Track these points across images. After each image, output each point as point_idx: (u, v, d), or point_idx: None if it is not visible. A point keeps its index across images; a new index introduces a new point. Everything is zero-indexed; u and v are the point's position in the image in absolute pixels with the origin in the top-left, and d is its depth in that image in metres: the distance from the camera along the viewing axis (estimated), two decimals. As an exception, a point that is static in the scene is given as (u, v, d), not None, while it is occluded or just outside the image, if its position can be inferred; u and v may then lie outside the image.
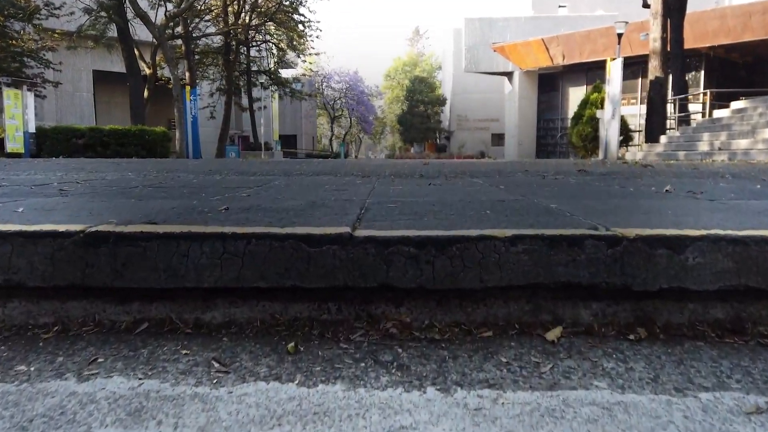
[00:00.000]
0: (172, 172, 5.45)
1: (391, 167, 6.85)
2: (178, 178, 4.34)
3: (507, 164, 9.43)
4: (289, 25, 29.22)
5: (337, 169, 5.53)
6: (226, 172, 5.73)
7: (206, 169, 6.34)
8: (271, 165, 8.15)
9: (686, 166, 7.12)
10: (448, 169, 6.69)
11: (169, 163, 9.61)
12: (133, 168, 6.82)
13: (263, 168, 7.00)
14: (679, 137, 11.44)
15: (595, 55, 30.14)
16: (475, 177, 4.61)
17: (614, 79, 12.71)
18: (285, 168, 6.22)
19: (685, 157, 9.44)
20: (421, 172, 5.11)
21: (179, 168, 6.90)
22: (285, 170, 5.45)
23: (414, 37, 69.21)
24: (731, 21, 24.14)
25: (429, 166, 7.12)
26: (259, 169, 6.72)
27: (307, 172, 5.23)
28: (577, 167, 7.18)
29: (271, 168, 6.98)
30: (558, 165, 8.90)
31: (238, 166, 7.76)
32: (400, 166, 7.43)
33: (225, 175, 5.08)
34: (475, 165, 9.13)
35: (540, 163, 10.57)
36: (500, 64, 36.18)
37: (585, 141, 15.05)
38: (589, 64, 31.18)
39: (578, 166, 7.92)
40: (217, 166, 7.61)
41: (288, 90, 32.44)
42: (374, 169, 5.77)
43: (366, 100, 52.36)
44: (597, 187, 3.25)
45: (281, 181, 3.72)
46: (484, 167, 7.61)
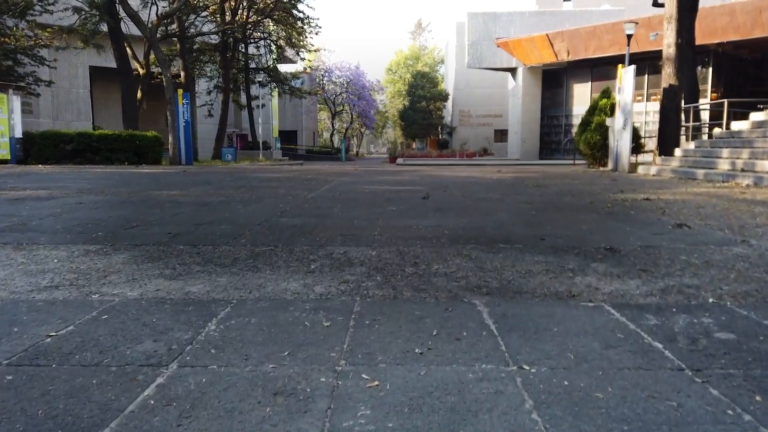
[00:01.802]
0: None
1: (390, 201, 6.32)
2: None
3: (517, 186, 8.89)
4: (288, 22, 28.53)
5: (309, 227, 4.98)
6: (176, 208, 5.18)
7: (166, 198, 5.79)
8: (245, 190, 7.62)
9: (717, 196, 6.56)
10: (461, 202, 6.15)
11: (143, 180, 9.06)
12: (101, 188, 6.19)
13: (234, 196, 6.45)
14: (695, 151, 10.82)
15: (600, 52, 29.58)
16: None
17: (626, 88, 12.09)
18: (248, 214, 5.69)
19: (705, 177, 8.84)
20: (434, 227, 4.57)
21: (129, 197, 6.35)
22: (240, 224, 4.91)
23: (416, 29, 68.57)
24: (741, 17, 23.62)
25: (443, 205, 6.61)
26: (227, 198, 6.16)
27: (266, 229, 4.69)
28: (597, 196, 6.63)
29: (243, 195, 6.42)
30: (571, 185, 8.33)
31: (213, 187, 7.18)
32: (405, 198, 6.94)
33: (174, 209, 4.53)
34: (483, 185, 8.57)
35: (550, 179, 10.01)
36: (504, 60, 35.71)
37: (593, 149, 14.42)
38: (594, 60, 30.69)
39: (595, 191, 7.36)
40: (187, 185, 7.01)
41: (287, 87, 31.79)
42: (363, 223, 5.23)
43: (367, 95, 51.74)
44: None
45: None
46: (497, 192, 7.05)
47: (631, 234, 3.61)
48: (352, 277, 2.40)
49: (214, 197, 6.21)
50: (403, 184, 8.68)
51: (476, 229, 3.87)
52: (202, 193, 6.67)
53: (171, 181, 8.81)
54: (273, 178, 9.78)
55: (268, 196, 6.33)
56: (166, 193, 6.57)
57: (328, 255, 2.92)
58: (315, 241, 3.39)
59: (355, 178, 10.24)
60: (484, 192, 7.02)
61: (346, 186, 8.03)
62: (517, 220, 4.27)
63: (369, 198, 6.22)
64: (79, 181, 8.59)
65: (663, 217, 4.41)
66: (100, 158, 17.15)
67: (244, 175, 11.17)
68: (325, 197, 6.28)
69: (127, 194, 6.52)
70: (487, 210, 5.04)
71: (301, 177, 10.22)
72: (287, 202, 5.73)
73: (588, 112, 15.14)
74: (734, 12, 23.76)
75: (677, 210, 4.92)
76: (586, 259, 2.79)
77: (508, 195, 6.58)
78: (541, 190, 7.29)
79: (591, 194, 6.62)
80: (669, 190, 7.12)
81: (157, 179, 9.48)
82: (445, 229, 3.83)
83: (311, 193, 6.77)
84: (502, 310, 1.85)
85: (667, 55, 12.46)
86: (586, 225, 4.03)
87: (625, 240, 3.37)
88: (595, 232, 3.71)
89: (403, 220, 4.36)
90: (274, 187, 7.73)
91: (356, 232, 3.75)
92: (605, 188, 7.52)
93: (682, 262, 2.69)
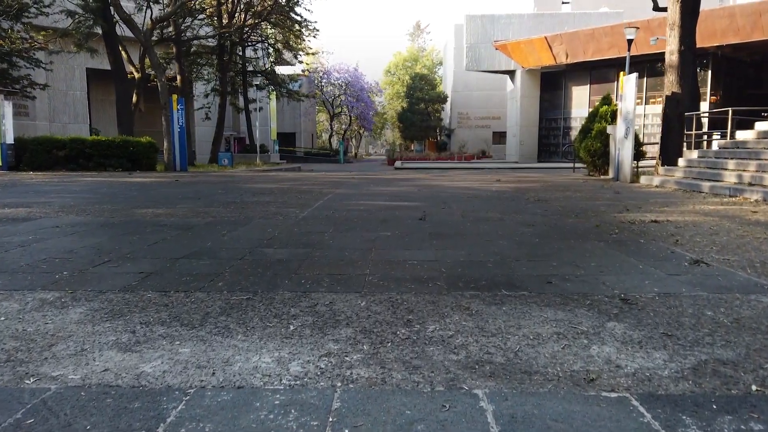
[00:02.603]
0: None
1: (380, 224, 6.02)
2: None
3: (516, 199, 8.61)
4: (286, 25, 28.22)
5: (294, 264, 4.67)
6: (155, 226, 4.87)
7: (148, 218, 5.48)
8: (234, 207, 7.33)
9: (728, 217, 6.27)
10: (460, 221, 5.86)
11: (131, 193, 8.75)
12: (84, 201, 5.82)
13: (220, 215, 6.13)
14: (699, 161, 10.53)
15: (599, 54, 29.41)
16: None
17: (628, 95, 11.80)
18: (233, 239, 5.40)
19: (711, 190, 8.54)
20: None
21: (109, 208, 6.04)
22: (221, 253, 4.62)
23: (415, 31, 68.36)
24: (740, 20, 23.48)
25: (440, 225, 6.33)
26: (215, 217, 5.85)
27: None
28: (602, 215, 6.33)
29: (231, 215, 6.11)
30: (573, 201, 8.04)
31: (202, 200, 6.84)
32: (401, 219, 6.63)
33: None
34: (482, 199, 8.27)
35: (550, 191, 9.72)
36: (502, 62, 35.54)
37: (594, 157, 14.13)
38: (593, 63, 30.52)
39: (599, 208, 7.07)
40: (175, 200, 6.67)
41: (285, 91, 31.47)
42: (354, 256, 4.93)
43: (366, 97, 51.44)
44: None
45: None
46: (497, 209, 6.75)
47: (645, 274, 3.31)
48: (336, 345, 2.10)
49: (201, 217, 5.90)
50: (399, 197, 8.38)
51: (476, 265, 3.56)
52: (188, 212, 6.35)
53: (160, 195, 8.50)
54: (266, 190, 9.48)
55: (257, 216, 6.02)
56: (151, 213, 6.26)
57: (312, 307, 2.62)
58: (300, 284, 3.08)
59: (351, 189, 9.93)
60: (484, 209, 6.72)
61: (340, 201, 7.73)
62: (519, 253, 3.97)
63: (363, 218, 5.91)
64: (65, 195, 8.28)
65: (676, 249, 4.11)
66: (94, 164, 16.85)
67: (236, 185, 10.86)
68: (317, 217, 5.98)
69: (110, 213, 6.21)
70: (486, 235, 4.74)
71: (295, 189, 9.92)
72: (276, 224, 5.43)
73: (588, 119, 14.86)
74: (734, 15, 23.60)
75: (689, 237, 4.62)
76: (600, 314, 2.48)
77: (509, 214, 6.28)
78: (542, 206, 6.99)
79: (595, 213, 6.32)
80: (676, 208, 6.83)
81: (146, 191, 9.16)
82: (442, 266, 3.53)
83: (303, 212, 6.47)
84: (510, 409, 1.55)
85: (669, 62, 12.17)
86: (595, 260, 3.72)
87: (639, 284, 3.06)
88: (606, 270, 3.41)
89: (398, 251, 4.05)
90: (266, 203, 7.42)
91: (346, 270, 3.44)
92: (609, 204, 7.23)
93: (709, 321, 2.39)
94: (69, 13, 19.45)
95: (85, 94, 29.33)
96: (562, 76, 33.92)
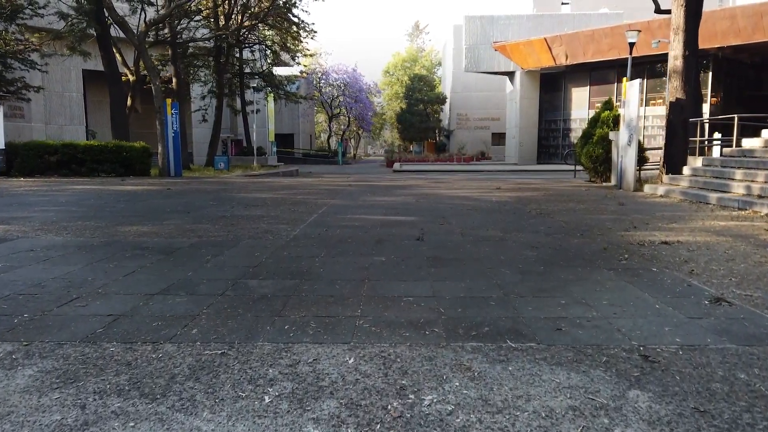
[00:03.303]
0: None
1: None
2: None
3: (519, 211, 8.32)
4: (283, 27, 27.90)
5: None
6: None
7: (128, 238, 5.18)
8: (223, 223, 7.04)
9: (743, 236, 5.98)
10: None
11: (118, 205, 8.44)
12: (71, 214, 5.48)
13: (201, 231, 5.83)
14: (705, 170, 10.24)
15: (599, 56, 29.17)
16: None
17: (631, 102, 11.51)
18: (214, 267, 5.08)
19: (718, 202, 8.26)
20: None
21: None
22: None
23: (414, 32, 68.08)
24: (742, 21, 23.29)
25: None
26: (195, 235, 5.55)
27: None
28: (608, 234, 6.04)
29: (219, 233, 5.81)
30: (577, 214, 7.76)
31: (187, 214, 6.52)
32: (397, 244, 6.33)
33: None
34: (483, 212, 7.98)
35: (552, 203, 9.44)
36: (501, 64, 35.29)
37: (595, 163, 13.85)
38: (593, 64, 30.30)
39: (605, 225, 6.78)
40: (163, 214, 6.36)
41: (282, 92, 31.14)
42: (345, 290, 4.65)
43: (364, 98, 51.14)
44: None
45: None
46: (498, 226, 6.45)
47: (663, 316, 3.02)
48: (316, 429, 1.80)
49: (187, 237, 5.60)
50: (396, 210, 8.08)
51: (477, 302, 3.27)
52: (174, 230, 6.05)
53: (148, 208, 8.19)
54: (258, 201, 9.17)
55: (246, 235, 5.72)
56: (135, 232, 5.95)
57: (293, 367, 2.32)
58: (282, 331, 2.79)
59: (347, 200, 9.63)
60: (484, 225, 6.42)
61: (335, 215, 7.43)
62: (524, 286, 3.67)
63: (358, 237, 5.61)
64: (49, 209, 7.97)
65: (693, 281, 3.82)
66: (86, 170, 16.54)
67: (229, 194, 10.55)
68: (309, 237, 5.68)
69: (91, 232, 5.90)
70: (488, 260, 4.45)
71: (289, 199, 9.61)
72: (266, 246, 5.13)
73: (590, 124, 14.56)
74: (735, 16, 23.40)
75: (704, 265, 4.33)
76: (620, 378, 2.19)
77: (510, 232, 5.99)
78: (545, 222, 6.70)
79: (601, 231, 6.02)
80: (685, 225, 6.54)
81: (134, 203, 8.86)
82: (441, 304, 3.23)
83: (295, 229, 6.17)
84: None
85: (673, 67, 11.88)
86: (607, 295, 3.43)
87: (659, 331, 2.77)
88: (620, 310, 3.12)
89: (393, 283, 3.76)
90: (257, 217, 7.12)
91: (336, 310, 3.14)
92: (614, 220, 6.93)
93: (745, 390, 2.10)
94: (62, 15, 19.12)
95: (81, 95, 29.02)
96: (562, 78, 33.71)
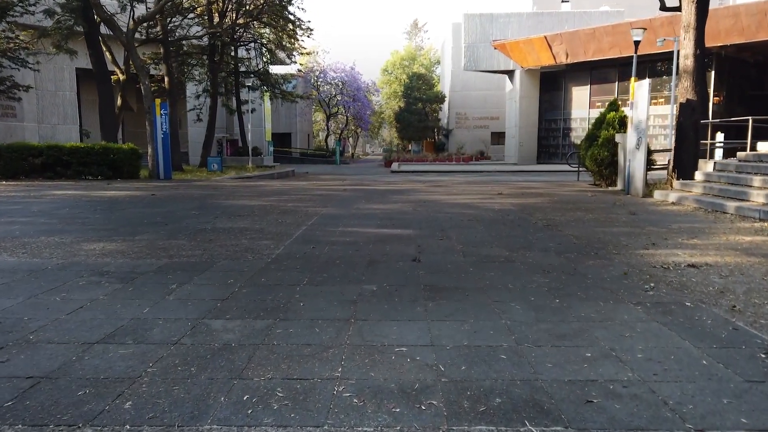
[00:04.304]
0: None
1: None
2: None
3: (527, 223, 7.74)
4: (279, 24, 27.24)
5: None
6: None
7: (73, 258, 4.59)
8: (201, 239, 6.45)
9: None
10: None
11: (92, 216, 7.84)
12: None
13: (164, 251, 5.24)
14: (719, 176, 9.67)
15: (600, 54, 28.64)
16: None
17: (640, 103, 10.92)
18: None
19: (737, 212, 7.68)
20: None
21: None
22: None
23: (412, 30, 67.47)
24: (745, 19, 22.85)
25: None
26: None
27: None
28: (625, 253, 5.47)
29: (192, 254, 5.22)
30: (587, 226, 7.18)
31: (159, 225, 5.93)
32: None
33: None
34: (485, 224, 7.40)
35: (559, 211, 8.87)
36: (501, 62, 34.75)
37: (600, 166, 13.27)
38: (593, 63, 29.79)
39: (619, 239, 6.21)
40: (139, 226, 5.76)
41: (278, 91, 30.49)
42: (324, 338, 4.05)
43: (362, 97, 50.50)
44: None
45: None
46: (503, 243, 5.86)
47: (717, 381, 2.44)
48: None
49: (156, 257, 5.00)
50: (392, 221, 7.48)
51: (485, 356, 2.69)
52: (145, 248, 5.45)
53: (124, 218, 7.59)
54: (245, 210, 8.56)
55: (223, 255, 5.12)
56: (100, 250, 5.35)
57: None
58: (239, 405, 2.20)
59: (340, 208, 9.03)
60: (488, 242, 5.84)
61: (325, 227, 6.84)
62: (539, 331, 3.09)
63: (348, 257, 5.02)
64: (17, 220, 7.37)
65: (737, 321, 3.24)
66: (72, 172, 15.93)
67: (216, 201, 9.96)
68: (293, 257, 5.08)
69: (51, 250, 5.31)
70: (494, 291, 3.86)
71: (278, 207, 9.01)
72: (242, 270, 4.54)
73: (594, 126, 13.97)
74: (739, 14, 22.92)
75: (744, 297, 3.75)
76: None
77: (517, 250, 5.40)
78: (553, 236, 6.11)
79: (617, 248, 5.44)
80: (708, 240, 5.96)
81: (111, 212, 8.26)
82: (440, 360, 2.65)
83: (279, 246, 5.57)
84: None
85: (684, 67, 11.31)
86: (640, 344, 2.85)
87: (716, 405, 2.18)
88: (661, 370, 2.53)
89: (383, 325, 3.16)
90: (240, 231, 6.53)
91: (310, 368, 2.55)
92: (629, 234, 6.34)
93: None
94: (48, 12, 18.47)
95: (74, 94, 28.42)
96: (562, 77, 33.20)
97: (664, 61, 27.30)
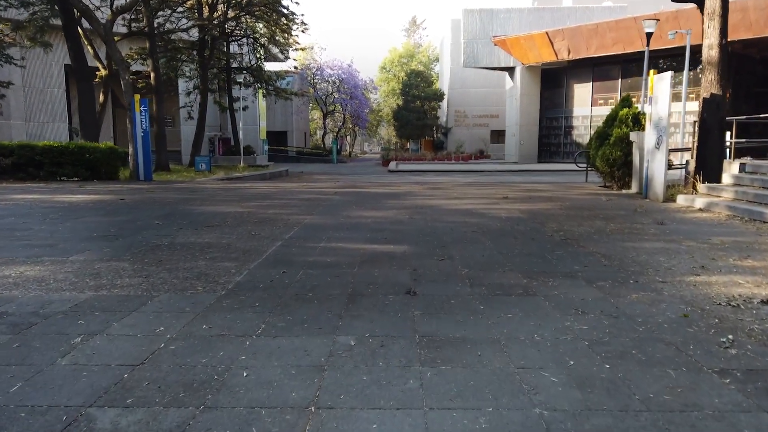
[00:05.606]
0: None
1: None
2: None
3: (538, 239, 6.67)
4: (272, 18, 26.12)
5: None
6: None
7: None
8: (155, 257, 5.38)
9: None
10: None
11: (44, 228, 6.76)
12: None
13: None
14: (751, 179, 8.63)
15: (603, 50, 27.70)
16: None
17: (660, 98, 9.86)
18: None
19: (784, 224, 6.63)
20: None
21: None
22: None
23: (411, 27, 66.46)
24: (753, 14, 22.04)
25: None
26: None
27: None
28: (678, 286, 4.42)
29: (137, 282, 4.15)
30: (609, 239, 6.12)
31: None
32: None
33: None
34: (492, 237, 6.34)
35: (574, 219, 7.81)
36: (501, 59, 33.78)
37: (612, 167, 12.21)
38: (596, 59, 28.88)
39: (659, 260, 5.15)
40: (93, 242, 4.74)
41: (272, 88, 29.37)
42: None
43: (360, 95, 49.44)
44: None
45: None
46: (515, 262, 4.80)
47: None
48: None
49: (78, 288, 3.92)
50: (384, 234, 6.41)
51: None
52: (73, 273, 4.36)
53: (71, 230, 6.49)
54: (217, 219, 7.47)
55: (166, 285, 4.03)
56: (14, 278, 4.27)
57: None
58: None
59: (326, 216, 7.94)
60: (498, 263, 4.76)
61: (304, 242, 5.77)
62: (591, 431, 2.04)
63: (324, 287, 3.96)
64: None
65: None
66: (45, 173, 14.86)
67: (189, 207, 8.87)
68: (256, 286, 4.01)
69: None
70: (516, 349, 2.79)
71: (256, 215, 7.92)
72: (182, 310, 3.46)
73: (605, 123, 12.89)
74: (747, 9, 21.99)
75: None
76: None
77: (536, 276, 4.33)
78: (576, 255, 5.02)
79: (659, 274, 4.36)
80: (765, 261, 4.90)
81: (64, 220, 7.15)
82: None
83: (241, 272, 4.49)
84: None
85: (708, 58, 10.25)
86: None
87: None
88: None
89: (356, 425, 2.11)
90: (201, 247, 5.45)
91: None
92: (665, 250, 5.27)
93: None
94: (24, 4, 17.37)
95: (63, 91, 27.40)
96: (564, 73, 32.25)
97: (667, 58, 26.44)
